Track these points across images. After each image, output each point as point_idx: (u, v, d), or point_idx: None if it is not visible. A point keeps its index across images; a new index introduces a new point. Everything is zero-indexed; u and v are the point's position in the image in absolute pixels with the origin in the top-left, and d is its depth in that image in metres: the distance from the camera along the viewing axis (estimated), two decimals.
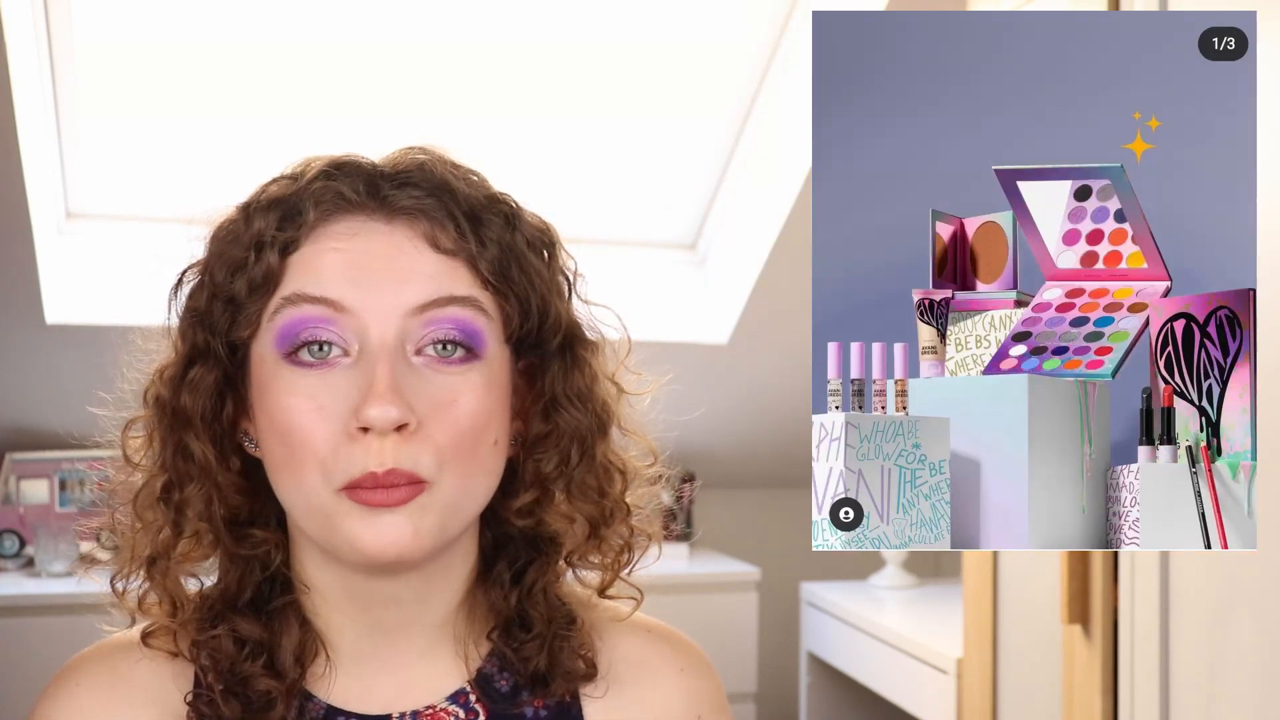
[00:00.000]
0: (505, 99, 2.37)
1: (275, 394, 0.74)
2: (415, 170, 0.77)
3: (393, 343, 0.73)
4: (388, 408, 0.71)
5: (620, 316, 0.85)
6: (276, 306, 0.74)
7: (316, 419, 0.72)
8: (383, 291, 0.73)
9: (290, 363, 0.74)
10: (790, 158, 2.39)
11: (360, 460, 0.72)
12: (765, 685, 3.12)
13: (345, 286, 0.73)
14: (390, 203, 0.75)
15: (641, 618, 0.89)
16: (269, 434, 0.75)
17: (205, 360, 0.77)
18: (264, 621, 0.79)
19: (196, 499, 0.77)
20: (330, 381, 0.73)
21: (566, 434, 0.81)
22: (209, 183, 2.37)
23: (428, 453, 0.73)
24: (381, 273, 0.74)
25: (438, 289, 0.74)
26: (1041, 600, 1.72)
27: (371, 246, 0.74)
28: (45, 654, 2.15)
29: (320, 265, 0.74)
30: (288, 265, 0.75)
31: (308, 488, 0.73)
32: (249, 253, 0.75)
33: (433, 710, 0.81)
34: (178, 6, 2.13)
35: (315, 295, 0.73)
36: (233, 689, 0.78)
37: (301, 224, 0.75)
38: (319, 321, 0.73)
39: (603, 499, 0.83)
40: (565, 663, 0.82)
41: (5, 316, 2.28)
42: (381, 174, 0.77)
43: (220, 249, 0.77)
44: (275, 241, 0.74)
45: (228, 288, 0.75)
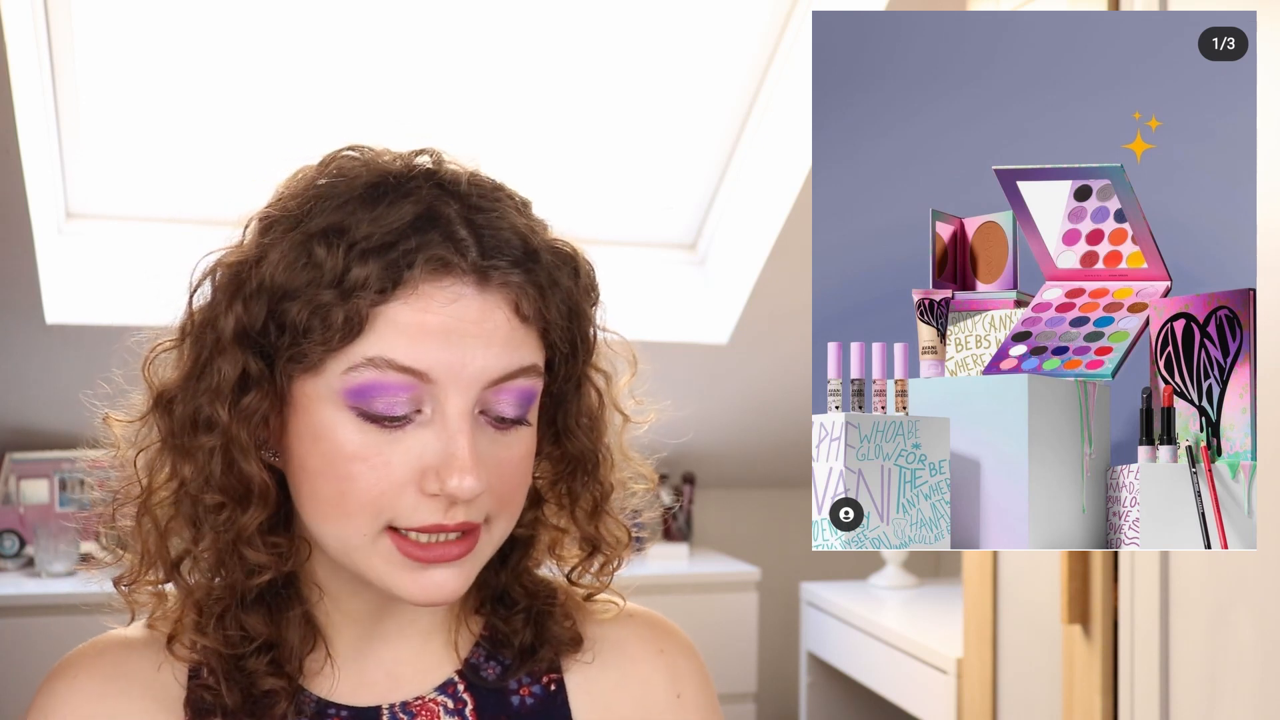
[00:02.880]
0: (506, 98, 2.37)
1: (338, 441, 0.72)
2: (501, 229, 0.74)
3: (469, 410, 0.73)
4: (475, 482, 0.71)
5: (632, 347, 0.86)
6: (357, 363, 0.71)
7: (382, 472, 0.72)
8: (468, 362, 0.72)
9: (358, 415, 0.72)
10: (790, 158, 2.39)
11: (425, 514, 0.72)
12: (765, 685, 3.13)
13: (435, 357, 0.71)
14: (487, 275, 0.73)
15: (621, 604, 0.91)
16: (319, 474, 0.73)
17: (260, 386, 0.73)
18: (271, 619, 0.79)
19: (253, 523, 0.75)
20: (400, 437, 0.72)
21: (573, 458, 0.83)
22: (209, 183, 2.37)
23: (490, 504, 0.75)
24: (470, 342, 0.72)
25: (514, 360, 0.74)
26: (1041, 600, 1.72)
27: (466, 314, 0.72)
28: (45, 654, 2.15)
29: (414, 332, 0.71)
30: (374, 316, 0.71)
31: (353, 529, 0.73)
32: (336, 300, 0.70)
33: (422, 701, 0.82)
34: (178, 7, 2.13)
35: (404, 365, 0.71)
36: (235, 680, 0.78)
37: (401, 281, 0.71)
38: (400, 389, 0.71)
39: (599, 517, 0.85)
40: (552, 631, 0.85)
41: (5, 316, 2.28)
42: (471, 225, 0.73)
43: (293, 276, 0.72)
44: (369, 297, 0.70)
45: (303, 327, 0.71)
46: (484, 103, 2.36)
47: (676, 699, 0.87)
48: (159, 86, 2.23)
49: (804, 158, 2.32)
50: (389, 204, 0.72)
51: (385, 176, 0.74)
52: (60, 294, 2.33)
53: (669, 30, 2.32)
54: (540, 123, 2.42)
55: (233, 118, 2.29)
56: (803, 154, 2.33)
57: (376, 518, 0.72)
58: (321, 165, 0.77)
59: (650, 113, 2.46)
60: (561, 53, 2.32)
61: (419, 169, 0.75)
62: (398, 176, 0.74)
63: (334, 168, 0.76)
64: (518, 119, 2.41)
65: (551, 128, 2.44)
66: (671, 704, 0.87)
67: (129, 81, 2.21)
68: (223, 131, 2.31)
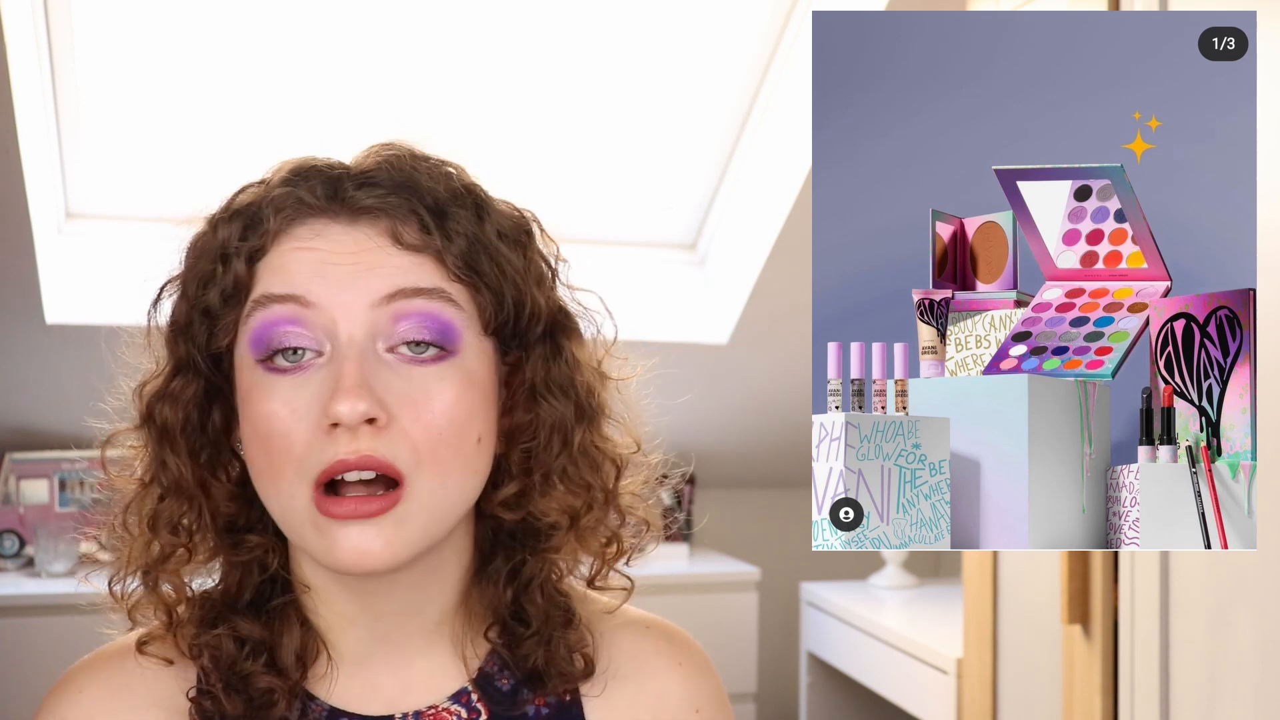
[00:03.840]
0: (506, 99, 2.37)
1: (254, 401, 0.74)
2: (379, 168, 0.77)
3: (362, 338, 0.73)
4: (355, 402, 0.70)
5: (604, 301, 0.84)
6: (248, 311, 0.75)
7: (292, 422, 0.72)
8: (347, 285, 0.73)
9: (266, 369, 0.74)
10: (790, 158, 2.39)
11: (330, 450, 0.71)
12: (765, 685, 3.12)
13: (310, 283, 0.74)
14: (352, 203, 0.75)
15: (639, 613, 0.90)
16: (251, 441, 0.75)
17: (186, 372, 0.78)
18: (264, 621, 0.79)
19: (173, 512, 0.78)
20: (304, 383, 0.73)
21: (547, 424, 0.80)
22: (208, 183, 2.36)
23: (404, 448, 0.72)
24: (346, 268, 0.74)
25: (403, 281, 0.74)
26: (1041, 600, 1.72)
27: (335, 246, 0.75)
28: (45, 654, 2.15)
29: (284, 265, 0.75)
30: (256, 272, 0.76)
31: (285, 492, 0.73)
32: (216, 264, 0.76)
33: (435, 710, 0.81)
34: (178, 7, 2.13)
35: (281, 294, 0.74)
36: (235, 687, 0.78)
37: (264, 231, 0.76)
38: (287, 321, 0.73)
39: (588, 490, 0.81)
40: (561, 662, 0.82)
41: (5, 316, 2.28)
42: (345, 175, 0.77)
43: (192, 262, 0.78)
44: (240, 251, 0.75)
45: (202, 300, 0.76)
46: (483, 103, 2.36)
47: (694, 714, 0.87)
48: (158, 86, 2.23)
49: (804, 158, 2.32)
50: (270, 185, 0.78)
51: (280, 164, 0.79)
52: (60, 294, 2.33)
53: (669, 30, 2.32)
54: (540, 123, 2.42)
55: (232, 118, 2.29)
56: (803, 154, 2.33)
57: (299, 473, 0.72)
58: None
59: (650, 113, 2.45)
60: (561, 53, 2.32)
61: None
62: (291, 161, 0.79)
63: None
64: (517, 119, 2.40)
65: (551, 128, 2.44)
66: (689, 719, 0.86)
67: (129, 81, 2.21)
68: (222, 132, 2.31)
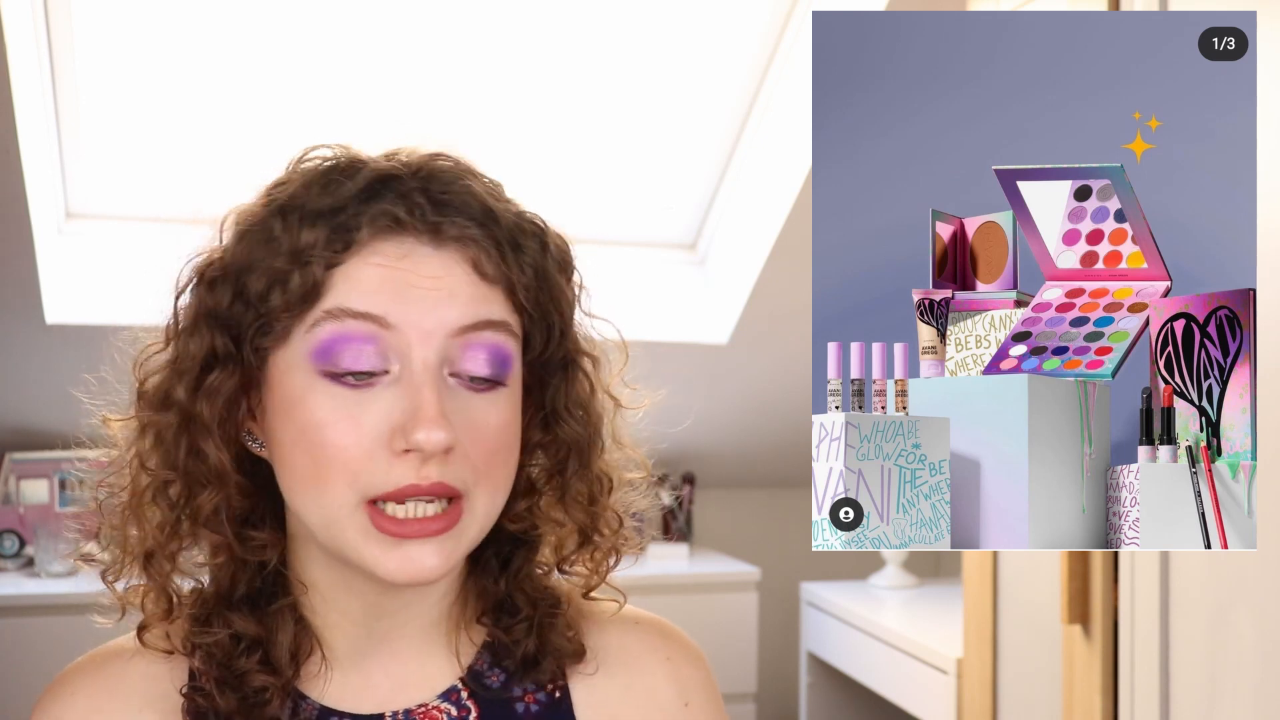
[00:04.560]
0: (506, 99, 2.37)
1: (309, 408, 0.73)
2: (459, 192, 0.76)
3: (435, 364, 0.73)
4: (438, 432, 0.71)
5: (620, 330, 0.85)
6: (317, 319, 0.72)
7: (354, 436, 0.72)
8: (428, 312, 0.73)
9: (329, 379, 0.72)
10: (790, 158, 2.39)
11: (399, 475, 0.72)
12: (765, 685, 3.12)
13: (391, 304, 0.72)
14: (441, 230, 0.74)
15: (630, 610, 0.90)
16: (294, 445, 0.73)
17: (225, 365, 0.75)
18: (259, 618, 0.79)
19: (208, 504, 0.76)
20: (368, 399, 0.72)
21: (565, 444, 0.82)
22: (208, 183, 2.37)
23: (465, 470, 0.74)
24: (428, 292, 0.73)
25: (478, 313, 0.74)
26: (1041, 600, 1.72)
27: (420, 268, 0.73)
28: (45, 654, 2.15)
29: (366, 279, 0.73)
30: (330, 278, 0.73)
31: (332, 500, 0.73)
32: (291, 265, 0.73)
33: (425, 709, 0.81)
34: (178, 7, 2.13)
35: (360, 310, 0.72)
36: (229, 683, 0.78)
37: (353, 242, 0.73)
38: (364, 340, 0.72)
39: (593, 506, 0.84)
40: (554, 642, 0.84)
41: (5, 316, 2.28)
42: (427, 193, 0.75)
43: (252, 252, 0.74)
44: (321, 257, 0.72)
45: (263, 296, 0.73)
46: (483, 103, 2.36)
47: (684, 708, 0.87)
48: (158, 86, 2.23)
49: (804, 158, 2.32)
50: (342, 180, 0.75)
51: (346, 161, 0.77)
52: (60, 294, 2.33)
53: (669, 30, 2.32)
54: (540, 123, 2.42)
55: (232, 118, 2.29)
56: (803, 154, 2.33)
57: (352, 485, 0.72)
58: (298, 161, 0.79)
59: (650, 113, 2.46)
60: (561, 53, 2.32)
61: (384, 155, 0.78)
62: (354, 160, 0.77)
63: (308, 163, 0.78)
64: (517, 119, 2.41)
65: (551, 128, 2.44)
66: (679, 713, 0.86)
67: (129, 81, 2.21)
68: (222, 132, 2.31)
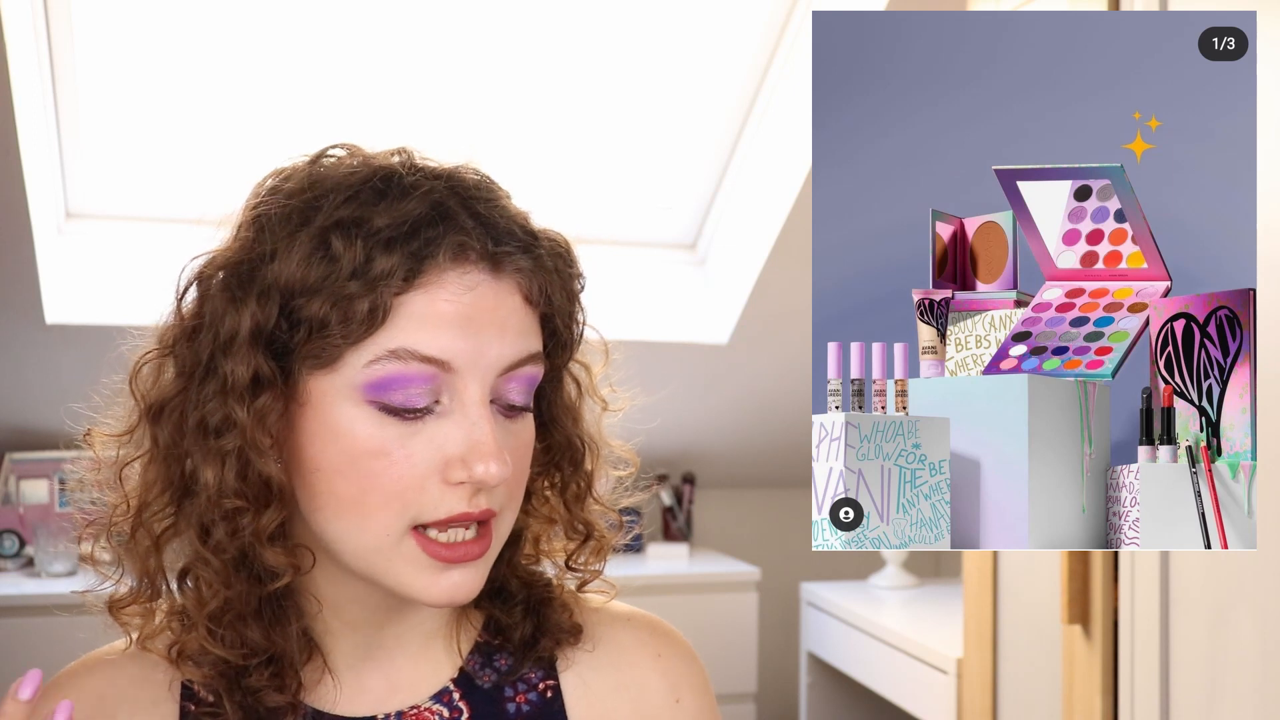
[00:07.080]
0: (505, 99, 2.37)
1: (358, 438, 0.71)
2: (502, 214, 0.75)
3: (486, 398, 0.73)
4: (501, 468, 0.71)
5: (600, 331, 0.85)
6: (378, 356, 0.70)
7: (406, 466, 0.71)
8: (485, 347, 0.72)
9: (378, 409, 0.71)
10: (790, 158, 2.39)
11: (451, 504, 0.72)
12: (765, 685, 3.12)
13: (454, 343, 0.71)
14: (500, 261, 0.73)
15: (622, 607, 0.91)
16: (337, 472, 0.72)
17: (273, 388, 0.72)
18: (267, 631, 0.77)
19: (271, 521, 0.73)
20: (419, 429, 0.72)
21: (559, 447, 0.84)
22: (209, 182, 2.37)
23: (502, 493, 0.75)
24: (485, 326, 0.72)
25: (525, 347, 0.75)
26: (1041, 600, 1.72)
27: (481, 301, 0.72)
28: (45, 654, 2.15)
29: (433, 317, 0.71)
30: (395, 306, 0.71)
31: (376, 527, 0.72)
32: (361, 291, 0.70)
33: (417, 710, 0.81)
34: (177, 7, 2.13)
35: (429, 355, 0.71)
36: (238, 701, 0.77)
37: (421, 270, 0.71)
38: (424, 381, 0.71)
39: (584, 504, 0.86)
40: (551, 620, 0.85)
41: (5, 316, 2.28)
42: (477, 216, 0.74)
43: (309, 271, 0.71)
44: (393, 285, 0.70)
45: (322, 320, 0.70)
46: (483, 103, 2.36)
47: (675, 704, 0.87)
48: (158, 86, 2.23)
49: (804, 158, 2.32)
50: (398, 196, 0.72)
51: (387, 171, 0.74)
52: (60, 294, 2.33)
53: (668, 30, 2.32)
54: (540, 123, 2.42)
55: (232, 118, 2.29)
56: (803, 154, 2.33)
57: (401, 515, 0.72)
58: (312, 163, 0.76)
59: (650, 113, 2.45)
60: (561, 53, 2.32)
61: (421, 165, 0.75)
62: (397, 170, 0.74)
63: (327, 164, 0.76)
64: (517, 119, 2.41)
65: (551, 128, 2.44)
66: (670, 709, 0.86)
67: (129, 81, 2.21)
68: (222, 132, 2.31)
